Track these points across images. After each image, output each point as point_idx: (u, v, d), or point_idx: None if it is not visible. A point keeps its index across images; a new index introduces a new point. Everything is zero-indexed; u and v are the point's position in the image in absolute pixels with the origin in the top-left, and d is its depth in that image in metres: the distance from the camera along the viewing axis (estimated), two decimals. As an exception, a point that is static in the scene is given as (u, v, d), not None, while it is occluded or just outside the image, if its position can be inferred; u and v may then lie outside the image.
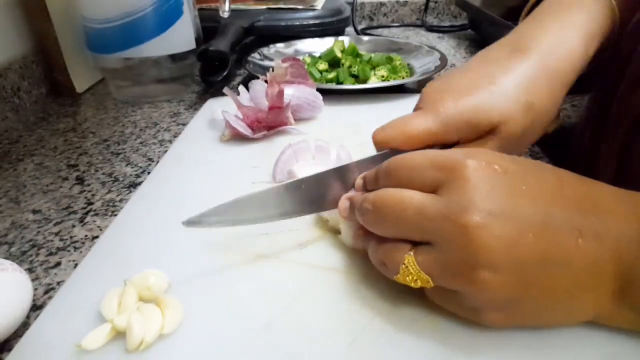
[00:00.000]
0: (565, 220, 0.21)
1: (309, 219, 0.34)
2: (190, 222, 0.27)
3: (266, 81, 0.49)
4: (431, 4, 1.05)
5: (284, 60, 0.51)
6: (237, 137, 0.47)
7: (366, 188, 0.28)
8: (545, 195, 0.22)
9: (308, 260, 0.30)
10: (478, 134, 0.30)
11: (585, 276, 0.21)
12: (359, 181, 0.29)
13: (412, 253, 0.23)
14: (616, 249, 0.21)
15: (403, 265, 0.23)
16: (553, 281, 0.21)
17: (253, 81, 0.50)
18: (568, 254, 0.21)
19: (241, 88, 0.51)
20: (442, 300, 0.25)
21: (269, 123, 0.47)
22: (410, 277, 0.23)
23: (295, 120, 0.50)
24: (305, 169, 0.36)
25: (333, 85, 0.57)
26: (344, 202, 0.29)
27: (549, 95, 0.30)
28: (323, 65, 0.63)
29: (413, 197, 0.23)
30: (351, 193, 0.29)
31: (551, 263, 0.21)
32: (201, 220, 0.28)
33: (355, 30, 0.95)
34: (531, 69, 0.30)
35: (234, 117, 0.46)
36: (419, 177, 0.23)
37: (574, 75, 0.31)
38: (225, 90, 0.46)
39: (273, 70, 0.50)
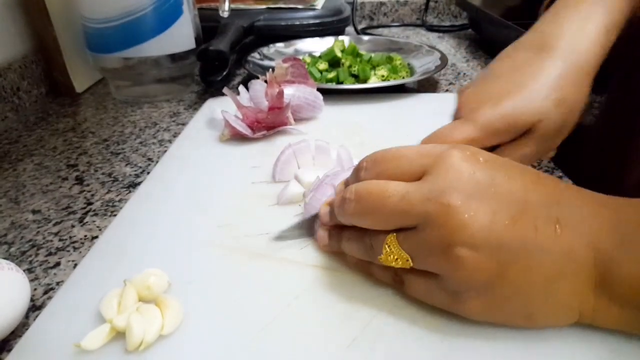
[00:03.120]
0: (543, 208, 0.22)
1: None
2: (278, 238, 0.32)
3: (266, 81, 0.49)
4: (431, 4, 1.05)
5: (284, 60, 0.51)
6: (237, 137, 0.47)
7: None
8: (525, 186, 0.23)
9: (308, 260, 0.30)
10: (516, 135, 0.32)
11: (563, 263, 0.22)
12: (340, 186, 0.30)
13: (394, 234, 0.24)
14: (593, 238, 0.22)
15: (386, 245, 0.24)
16: (531, 265, 0.22)
17: (253, 81, 0.50)
18: (546, 240, 0.22)
19: (241, 88, 0.51)
20: (422, 290, 0.25)
21: (268, 123, 0.47)
22: (392, 256, 0.24)
23: (295, 120, 0.50)
24: (309, 174, 0.36)
25: (333, 85, 0.57)
26: (324, 208, 0.30)
27: (577, 89, 0.32)
28: (323, 65, 0.63)
29: (397, 185, 0.24)
30: (330, 199, 0.30)
31: (528, 247, 0.22)
32: (286, 235, 0.32)
33: (356, 29, 0.95)
34: (557, 68, 0.32)
35: (233, 117, 0.46)
36: (406, 165, 0.24)
37: (597, 65, 0.33)
38: (225, 90, 0.46)
39: (273, 71, 0.49)
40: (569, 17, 0.34)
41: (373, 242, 0.25)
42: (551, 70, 0.32)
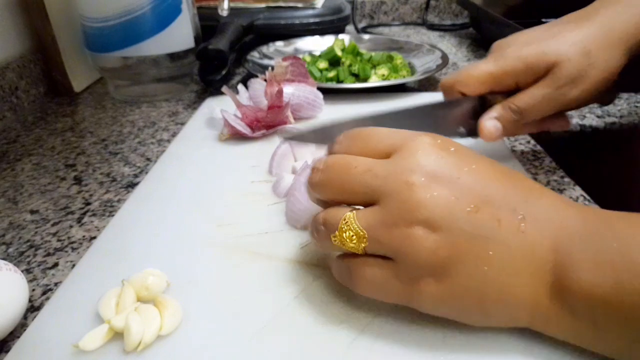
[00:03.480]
0: (510, 202, 0.22)
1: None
2: (288, 137, 0.34)
3: (265, 80, 0.49)
4: (432, 3, 1.05)
5: (284, 59, 0.51)
6: (236, 136, 0.46)
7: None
8: (494, 178, 0.23)
9: (308, 260, 0.30)
10: (535, 76, 0.33)
11: (522, 259, 0.21)
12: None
13: (354, 211, 0.23)
14: (556, 240, 0.22)
15: (343, 221, 0.23)
16: (489, 256, 0.21)
17: (252, 80, 0.50)
18: (507, 232, 0.22)
19: (240, 87, 0.51)
20: (376, 281, 0.23)
21: (268, 122, 0.47)
22: (348, 232, 0.23)
23: (295, 119, 0.50)
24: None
25: (333, 84, 0.57)
26: None
27: (608, 48, 0.32)
28: (323, 64, 0.63)
29: (364, 159, 0.24)
30: None
31: (489, 237, 0.21)
32: (299, 136, 0.33)
33: (356, 28, 0.94)
34: (593, 29, 0.33)
35: (233, 116, 0.46)
36: (376, 143, 0.24)
37: (635, 37, 0.32)
38: (224, 89, 0.46)
39: (273, 69, 0.49)
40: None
41: (329, 217, 0.24)
42: (584, 30, 0.33)
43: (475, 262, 0.21)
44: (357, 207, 0.24)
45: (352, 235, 0.23)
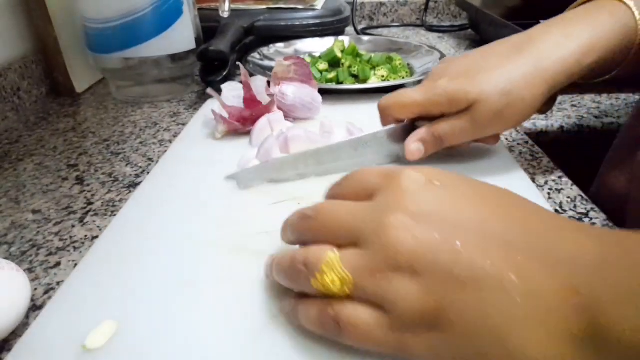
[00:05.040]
0: (506, 237, 0.20)
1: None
2: (231, 177, 0.38)
3: (269, 82, 0.49)
4: (431, 4, 1.05)
5: (286, 59, 0.51)
6: (234, 134, 0.47)
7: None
8: (486, 213, 0.21)
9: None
10: (457, 109, 0.36)
11: (526, 305, 0.18)
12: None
13: (336, 251, 0.22)
14: (570, 277, 0.18)
15: (326, 262, 0.21)
16: (483, 303, 0.18)
17: (253, 77, 0.50)
18: (503, 276, 0.19)
19: (223, 86, 0.50)
20: (363, 327, 0.21)
21: (254, 118, 0.47)
22: (331, 275, 0.21)
23: (294, 119, 0.50)
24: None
25: (333, 85, 0.57)
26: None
27: (529, 89, 0.34)
28: (323, 65, 0.63)
29: (347, 202, 0.23)
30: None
31: (482, 281, 0.19)
32: (240, 177, 0.38)
33: (356, 30, 0.95)
34: (520, 67, 0.34)
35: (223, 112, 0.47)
36: (362, 184, 0.24)
37: (563, 79, 0.34)
38: (209, 90, 0.46)
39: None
40: (555, 31, 0.35)
41: (310, 256, 0.22)
42: (512, 65, 0.34)
43: (466, 309, 0.19)
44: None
45: (335, 279, 0.21)
